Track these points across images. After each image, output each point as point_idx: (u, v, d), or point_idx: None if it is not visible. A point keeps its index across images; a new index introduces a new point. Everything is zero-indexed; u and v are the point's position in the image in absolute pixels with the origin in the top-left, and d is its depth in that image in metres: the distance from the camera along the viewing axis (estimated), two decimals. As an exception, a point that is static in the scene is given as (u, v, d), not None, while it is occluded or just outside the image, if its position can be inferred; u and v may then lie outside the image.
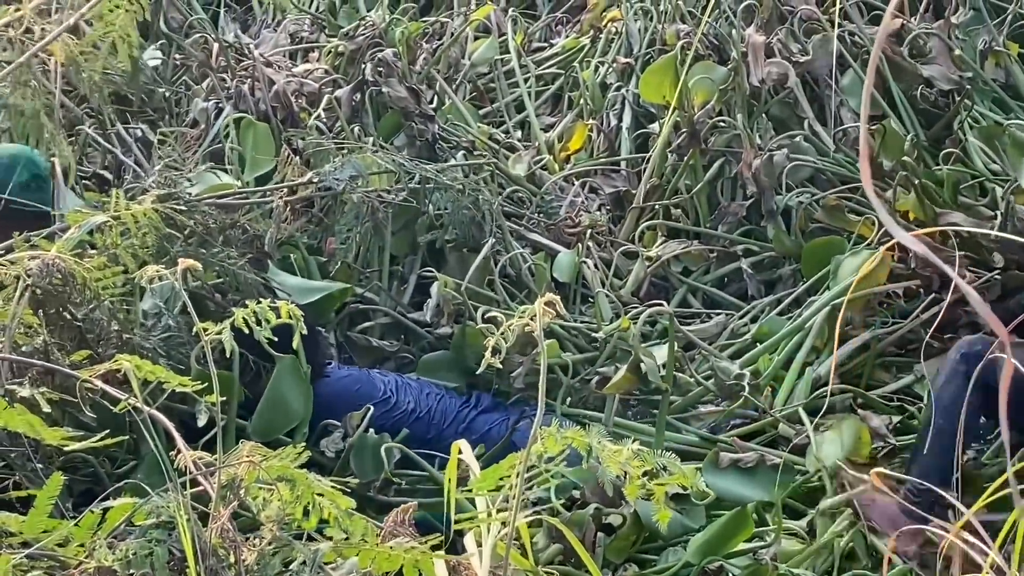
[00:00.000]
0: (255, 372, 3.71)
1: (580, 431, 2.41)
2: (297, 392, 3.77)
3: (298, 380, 3.76)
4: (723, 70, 5.29)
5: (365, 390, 4.01)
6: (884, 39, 1.10)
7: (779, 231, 4.87)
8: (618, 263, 4.92)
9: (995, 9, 5.80)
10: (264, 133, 4.90)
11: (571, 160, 5.57)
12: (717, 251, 5.00)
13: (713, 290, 4.91)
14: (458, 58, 6.00)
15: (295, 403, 3.77)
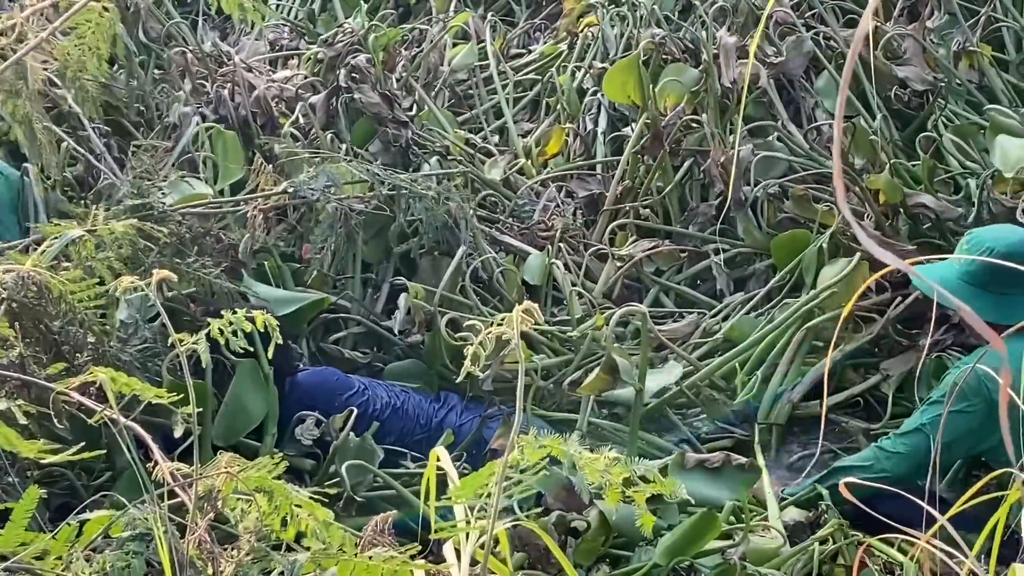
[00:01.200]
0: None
1: (558, 438, 2.40)
2: (256, 395, 3.78)
3: (257, 383, 3.77)
4: (694, 72, 5.32)
5: (342, 381, 4.05)
6: (861, 42, 1.11)
7: (749, 224, 4.91)
8: (590, 266, 4.93)
9: (969, 12, 5.83)
10: (233, 141, 4.89)
11: (548, 164, 5.57)
12: (688, 250, 5.03)
13: (685, 289, 4.94)
14: (436, 64, 6.00)
15: (254, 406, 3.77)
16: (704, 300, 4.88)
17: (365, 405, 3.96)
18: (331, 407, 3.91)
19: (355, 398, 3.95)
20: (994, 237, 3.68)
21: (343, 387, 4.03)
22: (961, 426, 3.60)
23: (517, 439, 2.32)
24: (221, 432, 3.71)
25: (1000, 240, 3.65)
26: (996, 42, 5.84)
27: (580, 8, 6.41)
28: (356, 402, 3.93)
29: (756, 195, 4.96)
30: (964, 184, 4.86)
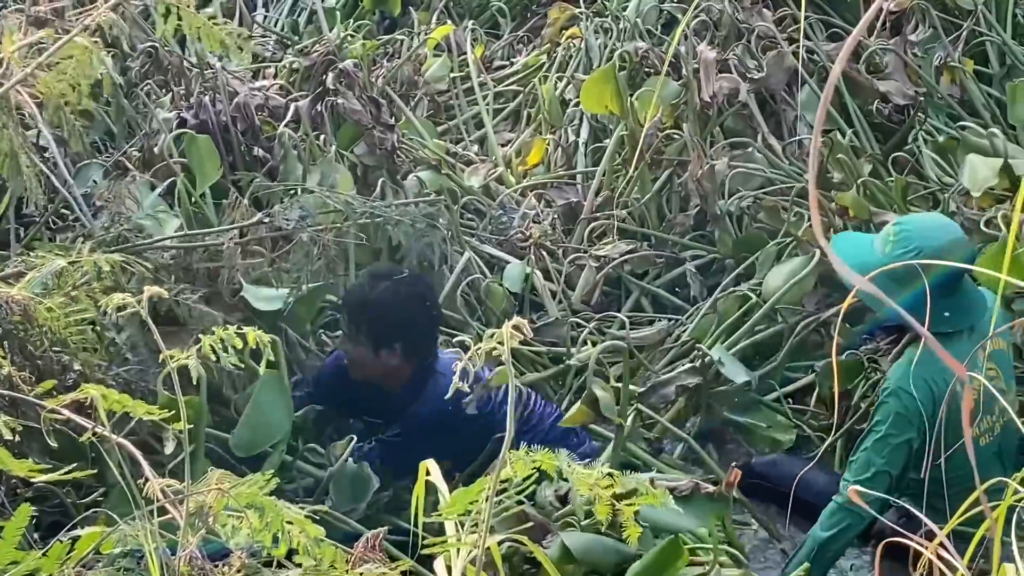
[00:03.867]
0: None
1: (549, 454, 2.41)
2: (279, 407, 3.77)
3: (280, 395, 3.75)
4: (675, 85, 5.35)
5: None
6: (845, 60, 1.12)
7: (724, 233, 4.94)
8: (570, 273, 4.95)
9: (953, 26, 5.87)
10: (208, 145, 4.88)
11: (528, 174, 5.59)
12: (665, 257, 5.06)
13: (663, 292, 4.98)
14: (412, 76, 6.01)
15: (277, 418, 3.76)
16: (680, 304, 4.93)
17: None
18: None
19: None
20: (923, 236, 3.65)
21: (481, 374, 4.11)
22: (905, 455, 3.65)
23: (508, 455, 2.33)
24: (242, 443, 3.71)
25: (929, 241, 3.62)
26: (979, 56, 5.87)
27: (564, 19, 6.43)
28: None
29: (732, 207, 4.99)
30: (943, 199, 4.89)
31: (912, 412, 3.61)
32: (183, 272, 4.00)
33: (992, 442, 3.73)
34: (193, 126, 5.02)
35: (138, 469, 2.39)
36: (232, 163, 5.02)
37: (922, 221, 3.87)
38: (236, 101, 5.14)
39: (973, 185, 4.57)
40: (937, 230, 3.72)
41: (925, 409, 3.59)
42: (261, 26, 6.90)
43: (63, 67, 3.09)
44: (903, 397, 3.62)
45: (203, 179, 4.80)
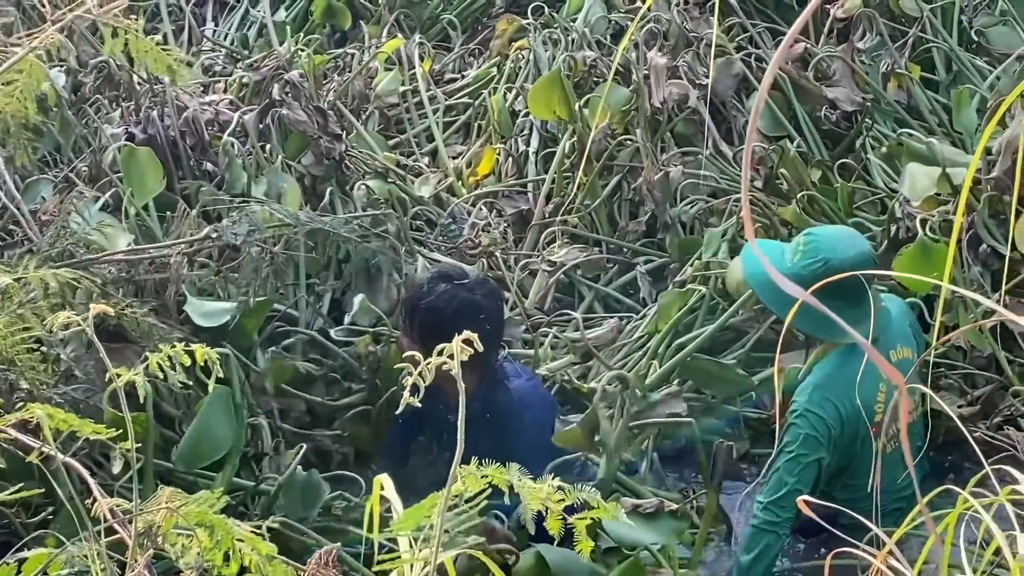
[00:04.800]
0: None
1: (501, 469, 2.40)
2: (225, 423, 3.75)
3: (227, 411, 3.74)
4: (625, 91, 5.38)
5: (524, 371, 4.19)
6: (782, 57, 1.13)
7: (674, 237, 4.96)
8: (523, 280, 4.96)
9: (900, 33, 5.91)
10: (148, 158, 4.85)
11: (479, 185, 5.60)
12: (617, 262, 5.09)
13: (615, 294, 5.00)
14: (363, 90, 6.01)
15: (222, 434, 3.74)
16: (631, 304, 4.97)
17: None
18: (545, 403, 4.05)
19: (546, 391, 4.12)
20: (831, 248, 3.71)
21: (537, 381, 4.17)
22: (815, 473, 3.72)
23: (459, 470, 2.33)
24: (185, 458, 3.69)
25: (837, 254, 3.69)
26: (926, 63, 5.92)
27: (512, 31, 6.45)
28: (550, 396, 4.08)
29: (682, 213, 5.01)
30: (890, 205, 4.92)
31: (821, 433, 3.70)
32: (131, 286, 3.97)
33: (896, 449, 3.79)
34: (141, 141, 4.99)
35: (87, 488, 2.37)
36: (181, 178, 5.00)
37: (831, 233, 3.93)
38: (185, 116, 5.13)
39: (913, 194, 4.61)
40: (844, 243, 3.78)
41: (832, 428, 3.66)
42: (211, 40, 6.88)
43: (11, 85, 3.07)
44: (811, 419, 3.69)
45: (143, 192, 4.77)
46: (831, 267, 3.62)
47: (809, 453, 3.69)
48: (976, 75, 5.81)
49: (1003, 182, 4.41)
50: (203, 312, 4.04)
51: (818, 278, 3.52)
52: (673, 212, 5.02)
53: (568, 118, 5.35)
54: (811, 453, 3.69)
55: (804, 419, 3.70)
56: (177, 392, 3.86)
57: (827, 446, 3.70)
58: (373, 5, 6.94)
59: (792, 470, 3.69)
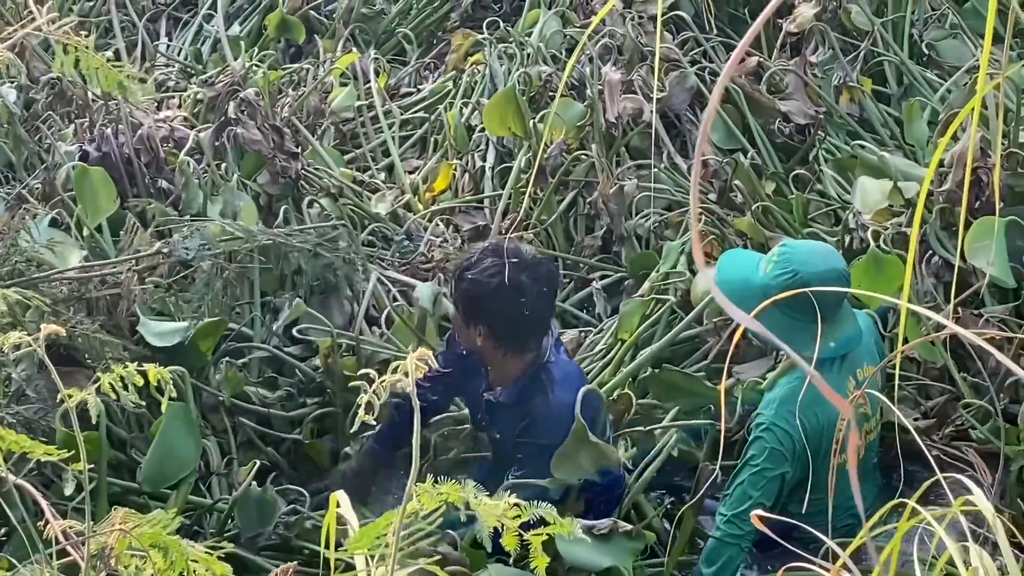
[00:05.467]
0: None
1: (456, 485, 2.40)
2: (187, 441, 3.73)
3: (188, 428, 3.72)
4: (579, 107, 5.40)
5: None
6: (732, 69, 1.14)
7: (630, 251, 4.98)
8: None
9: (851, 47, 5.96)
10: (101, 177, 4.83)
11: (436, 200, 5.60)
12: (573, 278, 5.10)
13: (571, 309, 5.01)
14: (318, 105, 6.00)
15: (186, 452, 3.72)
16: (588, 320, 4.97)
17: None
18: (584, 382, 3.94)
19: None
20: (803, 261, 3.72)
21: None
22: (779, 486, 3.75)
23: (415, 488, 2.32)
24: (151, 477, 3.67)
25: (807, 267, 3.69)
26: (877, 76, 5.97)
27: (468, 46, 6.45)
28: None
29: (637, 227, 5.03)
30: (844, 216, 4.96)
31: (786, 447, 3.71)
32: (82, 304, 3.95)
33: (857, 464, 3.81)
34: (95, 159, 4.97)
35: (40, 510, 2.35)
36: (136, 195, 4.98)
37: (806, 247, 3.93)
38: (140, 133, 5.11)
39: (865, 207, 4.65)
40: (818, 257, 3.78)
41: (796, 443, 3.68)
42: (164, 55, 6.85)
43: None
44: (777, 432, 3.70)
45: (96, 211, 4.75)
46: (800, 280, 3.64)
47: (774, 467, 3.70)
48: (927, 88, 5.87)
49: (955, 194, 4.45)
50: (156, 332, 4.02)
51: (786, 289, 3.57)
52: (628, 225, 5.04)
53: (523, 134, 5.36)
54: (776, 467, 3.70)
55: (770, 433, 3.71)
56: (128, 413, 3.83)
57: (791, 461, 3.71)
58: (328, 19, 6.93)
59: (756, 484, 3.71)
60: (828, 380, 3.57)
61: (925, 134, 5.44)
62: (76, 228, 4.71)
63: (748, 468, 3.73)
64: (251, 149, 5.16)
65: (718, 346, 4.45)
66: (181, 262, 4.29)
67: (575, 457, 3.71)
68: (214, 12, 7.06)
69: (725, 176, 5.06)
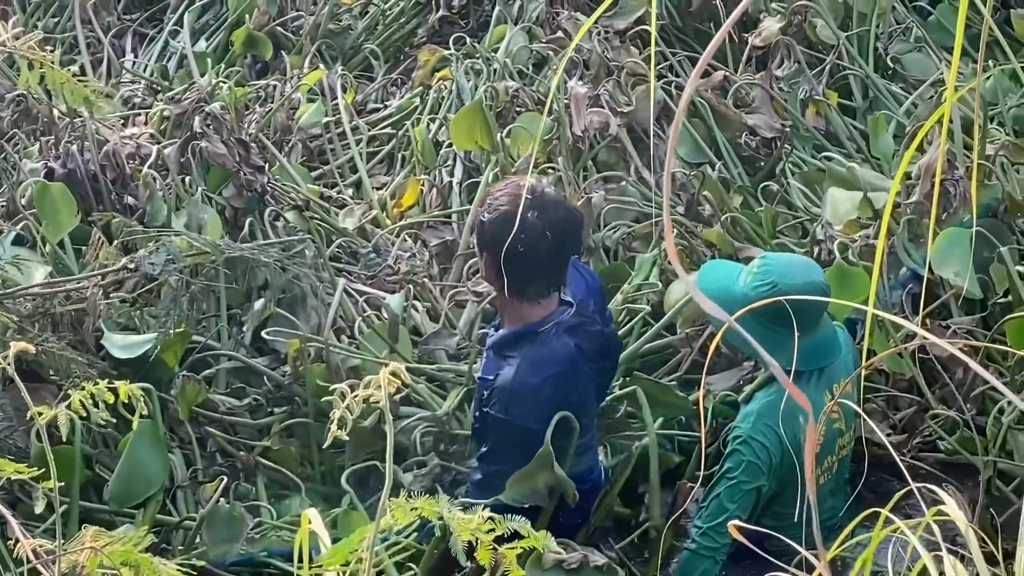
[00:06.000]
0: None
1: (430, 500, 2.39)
2: (155, 458, 3.71)
3: (155, 446, 3.70)
4: (547, 120, 5.41)
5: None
6: (696, 80, 1.14)
7: (598, 263, 4.98)
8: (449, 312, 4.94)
9: (817, 61, 5.99)
10: (62, 193, 4.81)
11: (404, 216, 5.59)
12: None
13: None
14: (285, 122, 5.99)
15: (153, 470, 3.71)
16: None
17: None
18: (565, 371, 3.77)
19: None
20: (783, 273, 3.73)
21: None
22: (755, 499, 3.75)
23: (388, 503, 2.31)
24: (117, 496, 3.64)
25: (786, 278, 3.70)
26: (843, 90, 6.00)
27: (434, 61, 6.46)
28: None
29: (605, 238, 5.04)
30: (812, 229, 4.98)
31: (763, 461, 3.72)
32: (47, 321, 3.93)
33: (829, 480, 3.83)
34: (61, 175, 4.95)
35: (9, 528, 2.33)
36: (102, 211, 4.96)
37: (786, 260, 3.96)
38: (105, 150, 5.08)
39: (835, 219, 4.68)
40: (797, 270, 3.81)
41: (774, 456, 3.68)
42: (130, 72, 6.83)
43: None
44: (754, 446, 3.70)
45: (58, 227, 4.73)
46: (778, 292, 3.63)
47: (750, 480, 3.70)
48: (892, 101, 5.90)
49: (923, 206, 4.48)
50: (121, 345, 4.00)
51: (766, 299, 3.59)
52: (597, 237, 5.04)
53: (490, 148, 5.36)
54: (752, 480, 3.71)
55: (747, 446, 3.71)
56: (94, 430, 3.81)
57: (768, 474, 3.71)
58: (295, 35, 6.92)
59: (733, 496, 3.70)
60: (805, 394, 3.57)
61: (891, 147, 5.47)
62: (41, 244, 4.69)
63: (724, 481, 3.73)
64: (216, 163, 5.14)
65: (690, 357, 4.46)
66: (147, 276, 4.27)
67: (534, 480, 3.66)
68: (180, 28, 7.04)
69: (692, 189, 5.07)
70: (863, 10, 6.25)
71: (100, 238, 4.56)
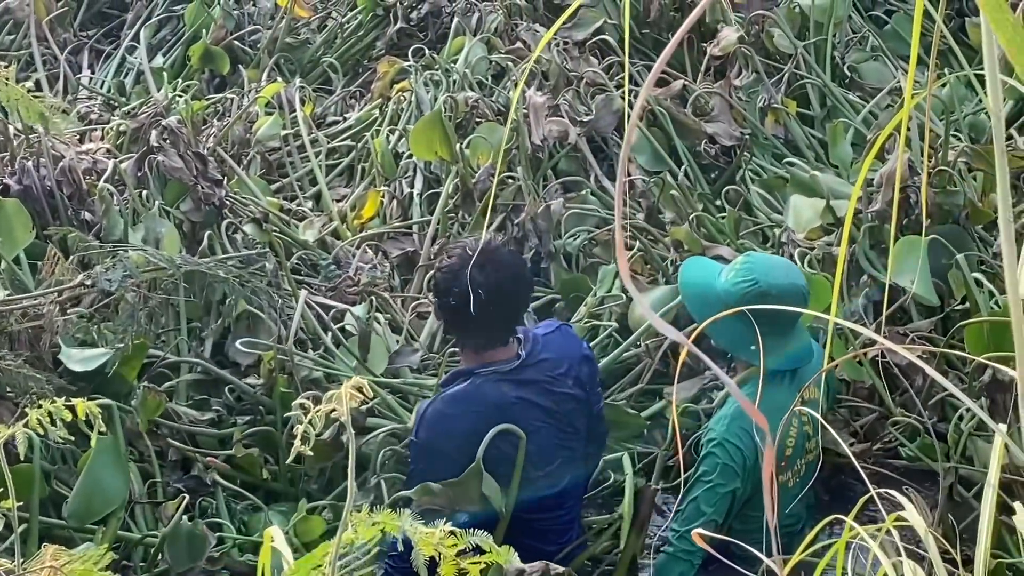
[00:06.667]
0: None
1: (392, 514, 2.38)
2: (115, 475, 3.69)
3: (115, 462, 3.67)
4: (505, 130, 5.42)
5: None
6: (650, 87, 1.14)
7: (560, 269, 4.98)
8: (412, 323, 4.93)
9: (775, 69, 6.02)
10: (15, 209, 4.78)
11: (364, 227, 5.58)
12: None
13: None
14: (243, 135, 5.97)
15: (113, 487, 3.68)
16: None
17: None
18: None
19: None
20: (765, 272, 3.75)
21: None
22: (730, 503, 3.77)
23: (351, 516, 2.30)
24: (77, 514, 3.61)
25: (767, 277, 3.73)
26: (801, 98, 6.03)
27: (393, 73, 6.45)
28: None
29: (568, 247, 5.04)
30: (772, 235, 5.00)
31: (738, 463, 3.72)
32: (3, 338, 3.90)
33: (797, 484, 3.85)
34: (16, 192, 4.92)
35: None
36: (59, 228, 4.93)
37: (768, 260, 3.98)
38: (61, 165, 5.06)
39: (797, 226, 4.70)
40: (779, 270, 3.83)
41: (748, 458, 3.69)
42: (87, 88, 6.79)
43: None
44: (729, 448, 3.71)
45: (12, 244, 4.70)
46: (759, 289, 3.68)
47: (726, 483, 3.71)
48: (850, 110, 5.93)
49: (885, 213, 4.50)
50: (79, 359, 3.98)
51: (746, 298, 3.62)
52: (557, 243, 5.04)
53: (450, 158, 5.36)
54: (728, 483, 3.71)
55: (722, 448, 3.72)
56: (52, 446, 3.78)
57: (742, 476, 3.72)
58: (252, 49, 6.90)
59: (709, 500, 3.71)
60: (778, 394, 3.60)
61: (849, 155, 5.50)
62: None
63: (701, 484, 3.73)
64: (173, 176, 5.12)
65: (651, 367, 4.47)
66: (104, 292, 4.25)
67: (465, 488, 3.63)
68: (137, 44, 7.01)
69: (653, 197, 5.08)
70: (820, 20, 6.29)
71: (56, 254, 4.52)
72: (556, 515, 3.84)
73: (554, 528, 3.82)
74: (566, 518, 3.87)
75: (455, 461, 3.61)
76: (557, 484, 3.80)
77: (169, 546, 3.63)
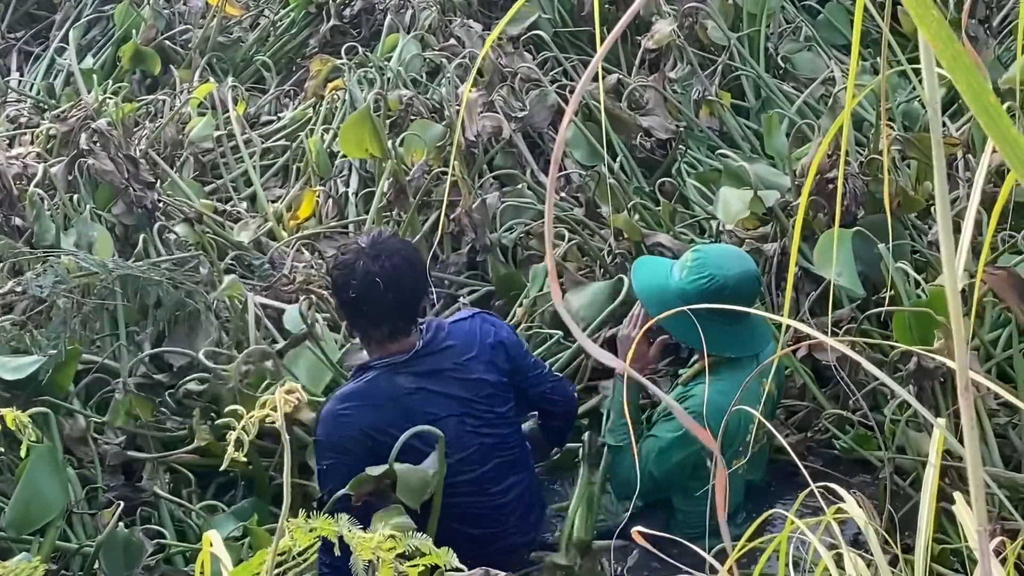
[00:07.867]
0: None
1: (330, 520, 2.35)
2: (53, 483, 3.64)
3: (53, 470, 3.62)
4: (439, 127, 5.40)
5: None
6: (587, 83, 1.13)
7: (496, 262, 4.98)
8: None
9: (709, 62, 6.02)
10: None
11: (300, 228, 5.55)
12: (441, 295, 5.09)
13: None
14: (175, 136, 5.91)
15: (51, 495, 3.64)
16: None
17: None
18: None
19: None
20: (718, 265, 3.76)
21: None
22: (677, 473, 3.81)
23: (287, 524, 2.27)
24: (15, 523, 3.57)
25: (723, 270, 3.74)
26: (736, 90, 6.04)
27: (327, 71, 6.42)
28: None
29: (504, 240, 5.04)
30: (708, 226, 5.01)
31: (693, 437, 3.70)
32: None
33: (747, 471, 3.86)
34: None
35: None
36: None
37: (719, 251, 3.97)
38: (-10, 171, 5.00)
39: (727, 217, 4.71)
40: (731, 260, 3.83)
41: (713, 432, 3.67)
42: (16, 91, 6.71)
43: None
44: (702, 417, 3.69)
45: None
46: (716, 283, 3.70)
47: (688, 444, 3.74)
48: (784, 100, 5.95)
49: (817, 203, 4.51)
50: (11, 368, 3.93)
51: (704, 293, 3.64)
52: (493, 236, 5.04)
53: (381, 155, 5.33)
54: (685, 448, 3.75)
55: (699, 415, 3.70)
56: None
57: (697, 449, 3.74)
58: (183, 49, 6.84)
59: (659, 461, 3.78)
60: (743, 377, 3.60)
61: (784, 146, 5.51)
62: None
63: (657, 440, 3.79)
64: (104, 180, 5.07)
65: (590, 363, 4.47)
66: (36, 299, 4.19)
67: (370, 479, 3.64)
68: (66, 45, 6.93)
69: (589, 191, 5.08)
70: (753, 11, 6.30)
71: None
72: (479, 500, 3.80)
73: (480, 513, 3.79)
74: (499, 502, 3.84)
75: (358, 457, 3.59)
76: (476, 469, 3.79)
77: (105, 554, 3.59)
